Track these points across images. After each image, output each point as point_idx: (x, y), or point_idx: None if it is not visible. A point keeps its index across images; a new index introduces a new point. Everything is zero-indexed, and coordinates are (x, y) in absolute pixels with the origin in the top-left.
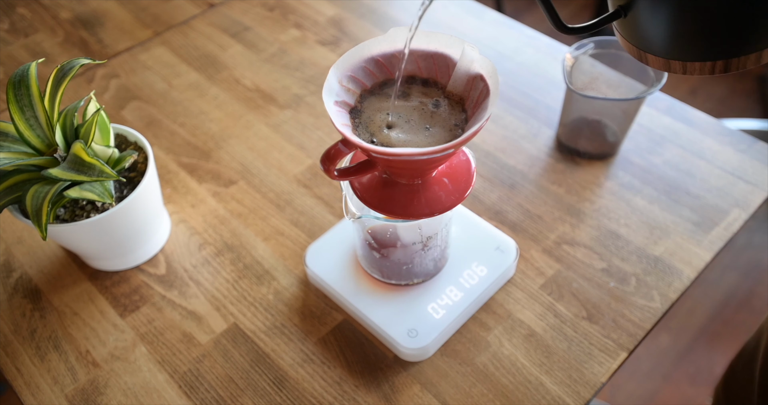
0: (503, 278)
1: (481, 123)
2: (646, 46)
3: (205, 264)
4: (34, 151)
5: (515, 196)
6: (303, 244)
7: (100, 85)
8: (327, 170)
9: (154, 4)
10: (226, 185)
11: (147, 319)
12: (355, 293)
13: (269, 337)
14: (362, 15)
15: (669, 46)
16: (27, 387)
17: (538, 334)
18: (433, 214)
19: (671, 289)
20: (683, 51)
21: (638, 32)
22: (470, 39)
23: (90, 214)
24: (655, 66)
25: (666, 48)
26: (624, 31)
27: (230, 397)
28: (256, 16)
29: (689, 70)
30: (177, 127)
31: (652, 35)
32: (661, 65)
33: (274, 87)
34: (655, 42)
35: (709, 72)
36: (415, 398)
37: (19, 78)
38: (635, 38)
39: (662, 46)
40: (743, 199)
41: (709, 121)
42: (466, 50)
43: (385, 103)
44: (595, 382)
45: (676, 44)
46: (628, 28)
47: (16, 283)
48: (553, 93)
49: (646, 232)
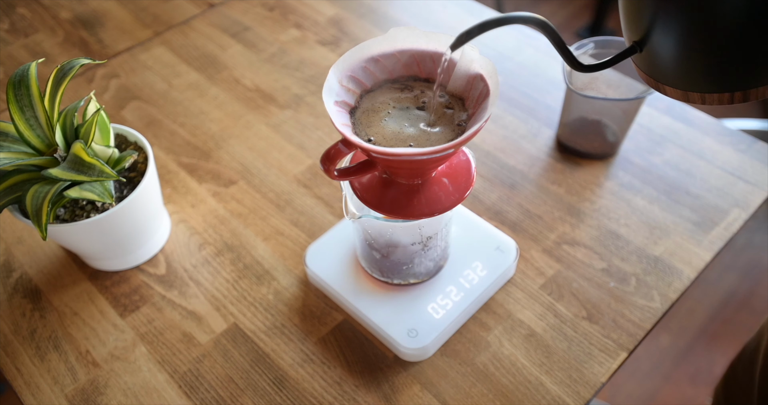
0: (503, 278)
1: (481, 123)
2: (663, 79)
3: (205, 264)
4: (34, 151)
5: (515, 196)
6: (303, 244)
7: (100, 85)
8: (327, 170)
9: (154, 4)
10: (226, 185)
11: (147, 319)
12: (355, 293)
13: (269, 337)
14: (362, 15)
15: (687, 79)
16: (27, 387)
17: (538, 334)
18: (433, 214)
19: (671, 289)
20: (701, 84)
21: (655, 66)
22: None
23: (90, 214)
24: (673, 97)
25: (684, 81)
26: (641, 64)
27: (230, 397)
28: (256, 16)
29: (708, 100)
30: (177, 127)
31: (669, 69)
32: (679, 96)
33: (274, 87)
34: (672, 75)
35: (728, 102)
36: (415, 398)
37: (19, 78)
38: (652, 71)
39: (680, 78)
40: (743, 199)
41: (709, 121)
42: (466, 50)
43: (386, 101)
44: (595, 382)
45: (694, 77)
46: (645, 61)
47: (16, 283)
48: (553, 93)
49: (646, 232)
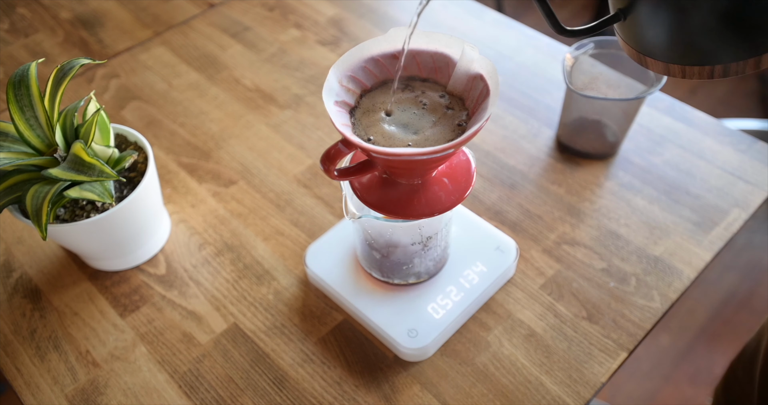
0: (503, 278)
1: (481, 123)
2: (645, 50)
3: (205, 264)
4: (34, 151)
5: (515, 196)
6: (303, 244)
7: (100, 85)
8: (327, 170)
9: (154, 4)
10: (226, 185)
11: (147, 319)
12: (355, 293)
13: (269, 337)
14: (362, 15)
15: (668, 50)
16: (27, 387)
17: (538, 334)
18: (433, 214)
19: (671, 289)
20: (682, 55)
21: (638, 36)
22: (470, 39)
23: (90, 214)
24: (654, 69)
25: (665, 52)
26: (624, 34)
27: (230, 397)
28: (256, 16)
29: (688, 74)
30: (177, 127)
31: (652, 39)
32: (660, 69)
33: (274, 87)
34: (654, 46)
35: (708, 76)
36: (415, 398)
37: (19, 78)
38: (635, 41)
39: (662, 49)
40: (743, 199)
41: (709, 121)
42: (466, 50)
43: (386, 101)
44: (595, 382)
45: (676, 48)
46: (628, 31)
47: (16, 283)
48: (553, 93)
49: (646, 232)
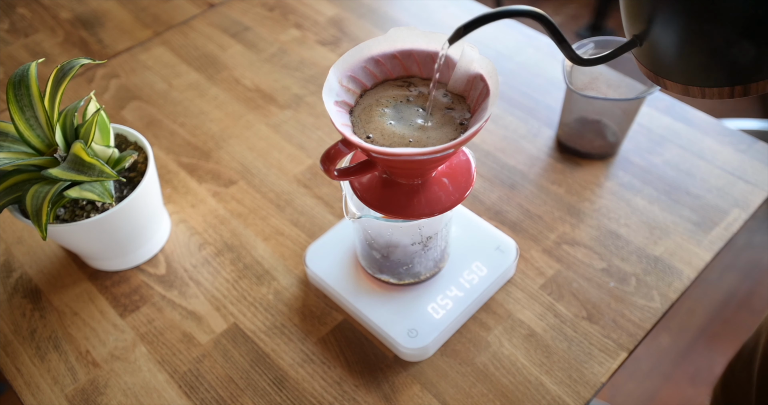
0: (503, 278)
1: (481, 123)
2: (663, 72)
3: (205, 264)
4: (34, 151)
5: (515, 196)
6: (303, 244)
7: (100, 85)
8: (327, 170)
9: (154, 4)
10: (226, 185)
11: (147, 319)
12: (355, 293)
13: (269, 337)
14: (362, 15)
15: (686, 73)
16: (27, 387)
17: (538, 334)
18: (433, 214)
19: (671, 289)
20: (701, 78)
21: (655, 59)
22: (470, 39)
23: (90, 214)
24: (674, 91)
25: (684, 75)
26: (641, 57)
27: (230, 397)
28: (256, 16)
29: (708, 94)
30: (177, 127)
31: (669, 63)
32: (679, 90)
33: (274, 87)
34: (672, 69)
35: (728, 96)
36: (415, 398)
37: (19, 78)
38: (652, 64)
39: (680, 72)
40: (743, 199)
41: (709, 121)
42: (466, 50)
43: (386, 101)
44: (595, 382)
45: (694, 71)
46: (645, 55)
47: (16, 283)
48: (553, 93)
49: (646, 232)
